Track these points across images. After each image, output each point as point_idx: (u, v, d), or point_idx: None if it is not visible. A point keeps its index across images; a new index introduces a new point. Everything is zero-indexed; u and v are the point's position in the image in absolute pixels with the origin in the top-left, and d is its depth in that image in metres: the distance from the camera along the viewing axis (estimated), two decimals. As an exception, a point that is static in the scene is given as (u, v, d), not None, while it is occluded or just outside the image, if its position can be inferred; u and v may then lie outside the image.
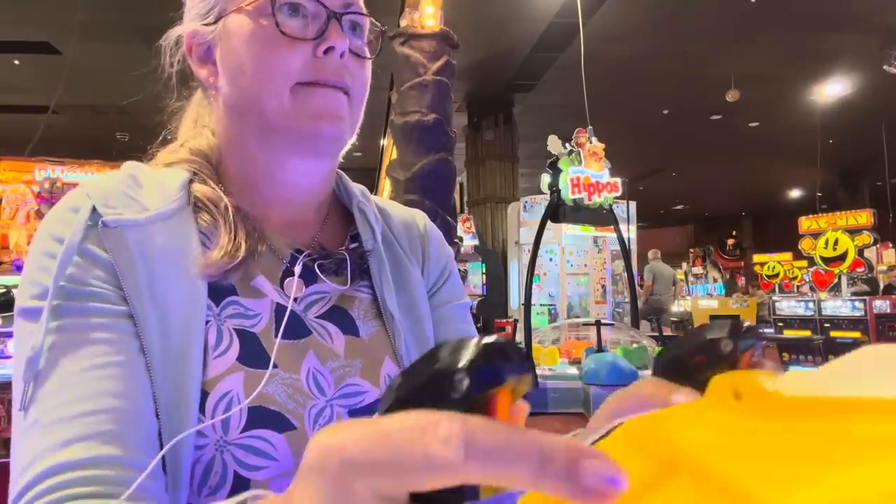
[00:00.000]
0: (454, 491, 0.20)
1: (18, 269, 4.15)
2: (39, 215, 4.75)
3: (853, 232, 10.01)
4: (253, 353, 0.58)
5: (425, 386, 0.22)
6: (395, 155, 5.61)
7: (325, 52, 0.60)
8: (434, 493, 0.20)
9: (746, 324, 0.35)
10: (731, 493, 0.18)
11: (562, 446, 0.20)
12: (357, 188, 0.75)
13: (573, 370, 6.71)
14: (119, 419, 0.49)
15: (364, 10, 0.65)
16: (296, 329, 0.62)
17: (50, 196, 4.76)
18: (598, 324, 6.47)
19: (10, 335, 3.22)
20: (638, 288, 9.23)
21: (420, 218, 0.80)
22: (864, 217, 10.06)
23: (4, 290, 3.27)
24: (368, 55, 0.65)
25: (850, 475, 0.16)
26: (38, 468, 0.46)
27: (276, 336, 0.60)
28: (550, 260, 9.25)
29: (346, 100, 0.62)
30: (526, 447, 0.20)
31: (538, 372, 6.09)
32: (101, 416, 0.49)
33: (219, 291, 0.60)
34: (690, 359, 0.35)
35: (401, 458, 0.20)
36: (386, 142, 7.69)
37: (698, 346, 0.34)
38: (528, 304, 6.69)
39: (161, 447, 0.51)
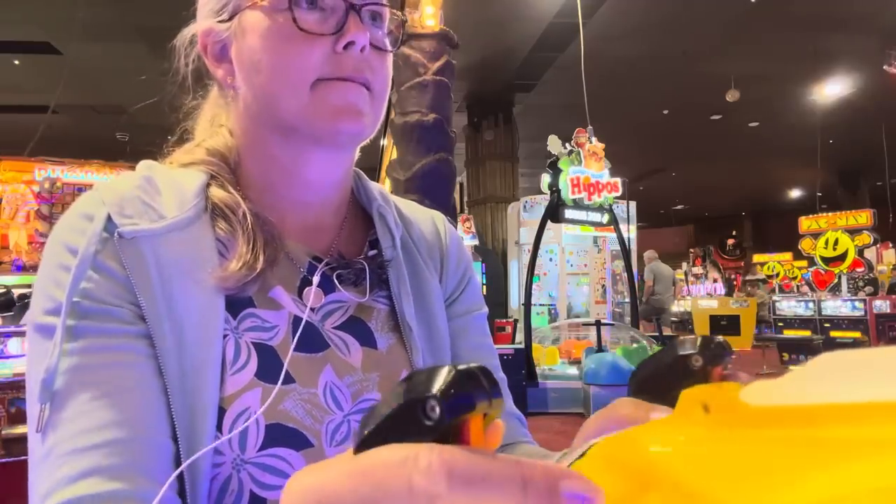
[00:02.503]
0: None
1: (18, 268, 4.14)
2: (39, 215, 4.75)
3: (853, 232, 10.03)
4: (271, 368, 0.57)
5: (398, 415, 0.22)
6: (395, 155, 5.61)
7: (345, 46, 0.57)
8: None
9: (718, 339, 0.36)
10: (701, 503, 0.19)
11: (541, 470, 0.20)
12: (377, 189, 0.72)
13: (573, 370, 6.72)
14: (132, 450, 0.48)
15: (384, 0, 0.62)
16: (313, 342, 0.61)
17: (50, 196, 4.76)
18: (598, 324, 6.49)
19: (9, 335, 3.22)
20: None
21: (441, 222, 0.78)
22: (864, 217, 10.07)
23: (4, 290, 3.27)
24: (389, 48, 0.63)
25: (817, 479, 0.17)
26: (51, 502, 0.46)
27: (292, 349, 0.58)
28: (550, 260, 9.25)
29: (368, 94, 0.60)
30: (507, 474, 0.20)
31: (538, 371, 6.10)
32: (113, 447, 0.48)
33: (236, 304, 0.58)
34: (663, 376, 0.36)
35: (384, 493, 0.20)
36: (386, 142, 7.68)
37: (670, 363, 0.35)
38: (528, 304, 6.70)
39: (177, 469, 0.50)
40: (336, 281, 0.63)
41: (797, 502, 0.17)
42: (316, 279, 0.62)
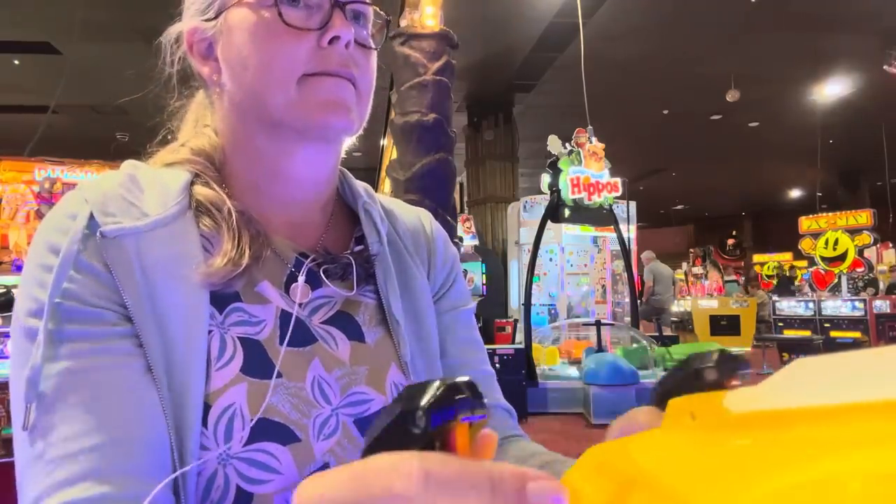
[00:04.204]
0: None
1: (18, 268, 4.14)
2: (39, 215, 4.75)
3: (853, 232, 10.01)
4: (257, 363, 0.57)
5: (392, 425, 0.25)
6: (395, 155, 5.61)
7: (331, 41, 0.58)
8: None
9: (733, 353, 0.38)
10: (677, 502, 0.21)
11: (509, 472, 0.22)
12: (362, 187, 0.73)
13: (573, 370, 6.72)
14: (122, 452, 0.48)
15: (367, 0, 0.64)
16: (301, 336, 0.61)
17: (50, 196, 4.76)
18: (598, 324, 6.50)
19: (9, 335, 3.22)
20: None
21: (426, 219, 0.78)
22: (864, 217, 10.05)
23: (4, 290, 3.26)
24: (373, 45, 0.64)
25: (783, 472, 0.18)
26: None
27: (280, 344, 0.59)
28: (550, 260, 9.25)
29: (354, 90, 0.61)
30: (477, 476, 0.22)
31: (538, 371, 6.10)
32: (102, 451, 0.48)
33: (222, 298, 0.58)
34: (680, 389, 0.37)
35: (370, 496, 0.22)
36: (386, 142, 7.69)
37: (686, 376, 0.38)
38: (528, 304, 6.70)
39: (170, 465, 0.50)
40: (323, 275, 0.64)
41: (762, 495, 0.18)
42: (302, 275, 0.62)
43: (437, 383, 0.25)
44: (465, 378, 0.26)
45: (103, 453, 0.47)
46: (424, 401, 0.24)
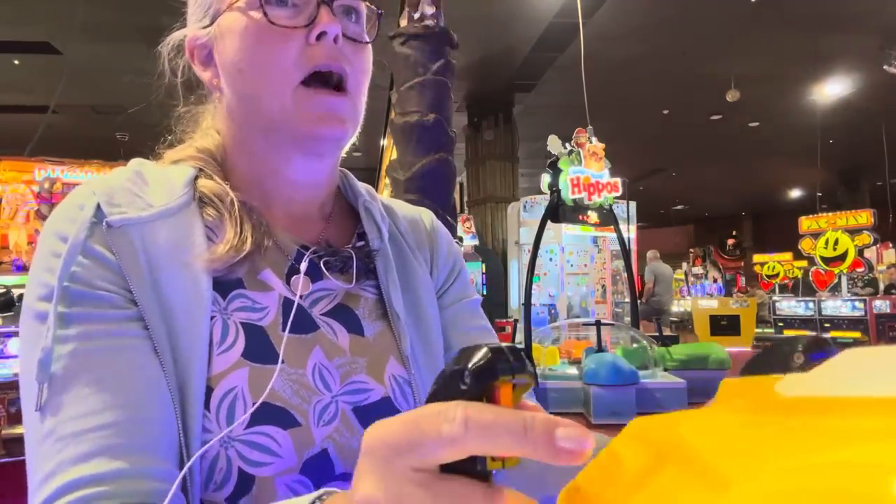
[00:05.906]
0: (468, 461, 0.28)
1: (18, 268, 4.14)
2: (39, 215, 4.75)
3: (853, 232, 10.01)
4: (259, 348, 0.58)
5: (446, 382, 0.30)
6: (394, 155, 5.61)
7: (318, 37, 0.59)
8: (455, 464, 0.28)
9: (821, 337, 0.38)
10: (707, 475, 0.21)
11: (541, 419, 0.26)
12: (363, 187, 0.75)
13: (573, 370, 6.70)
14: (133, 431, 0.49)
15: None
16: (303, 324, 0.62)
17: (50, 196, 4.76)
18: (598, 324, 6.46)
19: (9, 335, 3.22)
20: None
21: (427, 217, 0.80)
22: (864, 217, 10.05)
23: (4, 290, 3.26)
24: (366, 39, 0.65)
25: (813, 457, 0.19)
26: (56, 483, 0.46)
27: (283, 330, 0.60)
28: (550, 260, 9.24)
29: (348, 101, 0.62)
30: (512, 421, 0.26)
31: (538, 371, 6.09)
32: (117, 427, 0.49)
33: (226, 285, 0.60)
34: (769, 369, 0.39)
35: (422, 437, 0.27)
36: (386, 142, 7.69)
37: (774, 360, 0.39)
38: (528, 304, 6.69)
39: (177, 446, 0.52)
40: (323, 267, 0.65)
41: (781, 474, 0.19)
42: (304, 266, 0.63)
43: (485, 349, 0.29)
44: (512, 344, 0.30)
45: (114, 431, 0.49)
46: (471, 363, 0.29)
